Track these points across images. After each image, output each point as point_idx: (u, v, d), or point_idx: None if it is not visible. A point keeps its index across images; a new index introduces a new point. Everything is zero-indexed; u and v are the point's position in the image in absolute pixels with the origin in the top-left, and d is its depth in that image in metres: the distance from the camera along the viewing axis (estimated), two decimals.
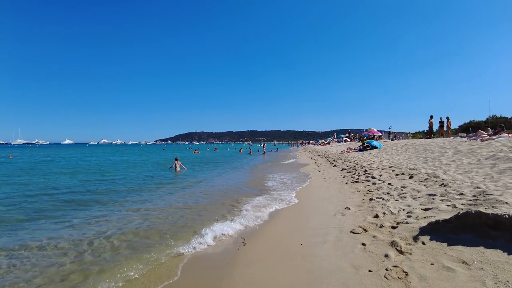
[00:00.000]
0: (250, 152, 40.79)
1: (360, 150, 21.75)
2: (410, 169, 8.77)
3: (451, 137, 24.54)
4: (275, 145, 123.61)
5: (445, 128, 25.18)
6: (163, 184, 11.56)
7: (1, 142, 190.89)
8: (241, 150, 48.04)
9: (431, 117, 26.19)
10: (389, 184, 7.38)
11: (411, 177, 7.57)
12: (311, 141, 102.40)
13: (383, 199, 5.82)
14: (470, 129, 34.06)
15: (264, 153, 37.18)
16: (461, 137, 24.96)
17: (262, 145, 41.05)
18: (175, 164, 16.36)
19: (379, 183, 7.73)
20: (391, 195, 6.02)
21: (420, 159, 10.82)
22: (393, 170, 9.14)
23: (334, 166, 14.23)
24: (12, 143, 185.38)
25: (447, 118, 25.16)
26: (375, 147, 20.72)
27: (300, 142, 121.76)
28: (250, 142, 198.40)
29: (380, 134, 39.49)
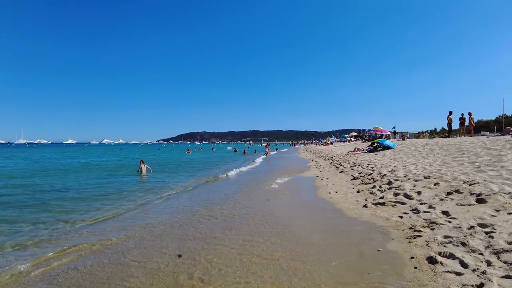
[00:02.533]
0: (244, 153, 38.49)
1: (370, 150, 18.52)
2: (466, 182, 5.56)
3: (474, 136, 21.30)
4: (276, 144, 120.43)
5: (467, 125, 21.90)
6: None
7: (3, 141, 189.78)
8: (236, 150, 45.91)
9: (450, 113, 22.92)
10: (446, 214, 4.18)
11: (481, 200, 4.37)
12: (313, 141, 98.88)
13: (465, 265, 2.62)
14: (495, 127, 30.59)
15: (266, 154, 33.72)
16: (485, 136, 21.70)
17: (265, 145, 37.95)
18: (141, 168, 14.82)
19: (425, 211, 4.50)
20: (474, 251, 2.82)
21: (465, 165, 7.59)
22: (435, 184, 5.92)
23: (341, 172, 10.99)
24: (15, 142, 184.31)
25: (469, 114, 21.84)
26: (388, 148, 17.50)
27: (301, 142, 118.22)
28: (251, 142, 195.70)
29: (389, 133, 36.17)
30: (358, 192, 6.90)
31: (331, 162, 15.70)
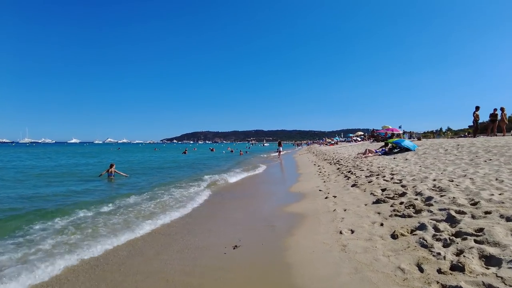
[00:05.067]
0: (241, 153, 38.41)
1: (385, 153, 15.27)
2: None
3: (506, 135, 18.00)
4: None
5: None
6: None
7: (8, 140, 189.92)
8: (233, 150, 45.89)
9: (477, 108, 19.53)
10: None
11: None
12: (317, 140, 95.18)
13: None
14: None
15: (279, 154, 31.31)
16: None
17: (276, 143, 37.34)
18: (109, 172, 13.18)
19: None
20: None
21: None
22: None
23: (354, 185, 7.80)
24: (20, 141, 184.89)
25: (502, 109, 18.47)
26: (407, 149, 14.24)
27: (304, 142, 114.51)
28: (253, 142, 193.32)
29: (400, 132, 32.68)
30: (394, 237, 3.71)
31: (338, 168, 12.51)
